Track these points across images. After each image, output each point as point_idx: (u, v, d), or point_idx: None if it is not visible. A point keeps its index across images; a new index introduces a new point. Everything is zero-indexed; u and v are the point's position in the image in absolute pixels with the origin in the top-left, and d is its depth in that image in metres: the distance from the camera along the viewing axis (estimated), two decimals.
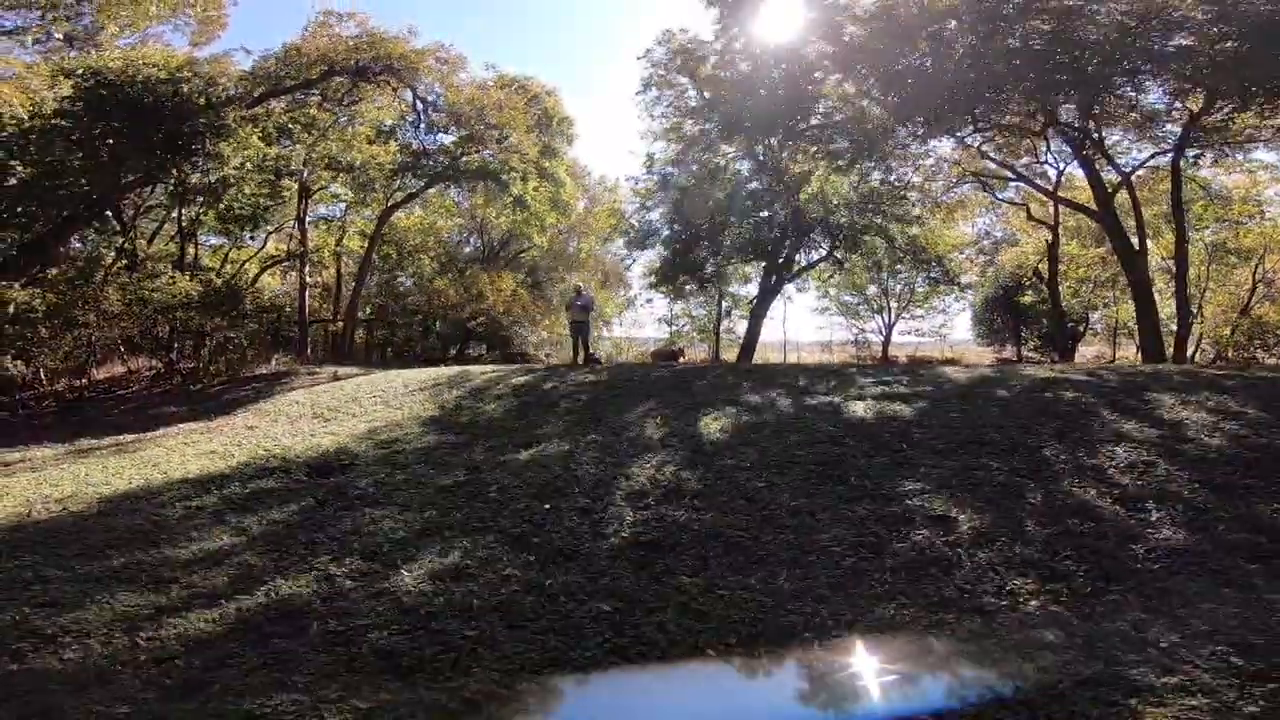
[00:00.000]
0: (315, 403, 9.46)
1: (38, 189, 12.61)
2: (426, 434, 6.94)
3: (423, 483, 5.31)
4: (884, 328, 27.39)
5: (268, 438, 7.50)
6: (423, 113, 16.73)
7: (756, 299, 20.83)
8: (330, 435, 7.34)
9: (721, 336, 24.47)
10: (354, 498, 5.08)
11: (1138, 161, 16.66)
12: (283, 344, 17.44)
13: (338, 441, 6.95)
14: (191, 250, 16.56)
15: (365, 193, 18.63)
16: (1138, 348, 17.12)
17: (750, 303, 21.86)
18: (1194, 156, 15.59)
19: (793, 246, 18.15)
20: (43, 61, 13.47)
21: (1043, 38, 12.34)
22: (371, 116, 16.93)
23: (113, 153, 12.63)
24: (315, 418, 8.57)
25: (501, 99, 16.84)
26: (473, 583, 3.68)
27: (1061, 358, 19.39)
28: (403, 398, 8.98)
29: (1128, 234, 15.44)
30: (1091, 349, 25.50)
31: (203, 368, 14.22)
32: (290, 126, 14.88)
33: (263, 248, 19.39)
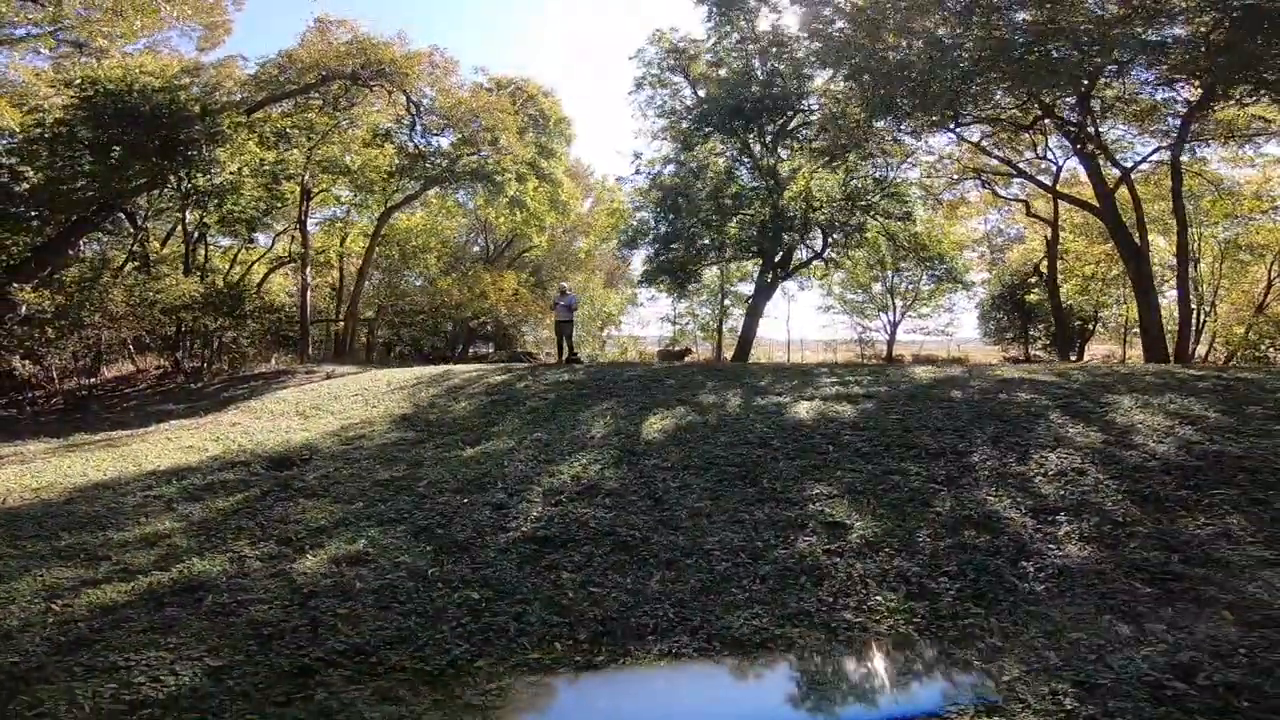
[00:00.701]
0: (300, 401, 9.78)
1: (48, 193, 13.17)
2: (391, 431, 7.19)
3: (363, 477, 5.55)
4: (889, 326, 27.09)
5: (245, 434, 7.81)
6: (416, 116, 17.06)
7: (752, 297, 20.81)
8: (304, 432, 7.64)
9: (725, 335, 24.48)
10: (296, 490, 5.34)
11: (1139, 156, 16.37)
12: (286, 344, 17.91)
13: (308, 438, 7.23)
14: (202, 252, 17.09)
15: (365, 195, 19.02)
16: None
17: (748, 301, 21.85)
18: (1196, 150, 15.25)
19: (785, 244, 18.05)
20: (52, 69, 14.04)
21: (1019, 28, 12.10)
22: (368, 120, 17.30)
23: (116, 158, 13.13)
24: (297, 415, 8.88)
25: (490, 102, 17.09)
26: (364, 568, 3.92)
27: (1063, 356, 19.09)
28: (382, 396, 9.25)
29: (1129, 230, 15.17)
30: (1103, 347, 24.94)
31: (206, 367, 14.69)
32: (289, 131, 15.29)
33: (270, 249, 19.92)
